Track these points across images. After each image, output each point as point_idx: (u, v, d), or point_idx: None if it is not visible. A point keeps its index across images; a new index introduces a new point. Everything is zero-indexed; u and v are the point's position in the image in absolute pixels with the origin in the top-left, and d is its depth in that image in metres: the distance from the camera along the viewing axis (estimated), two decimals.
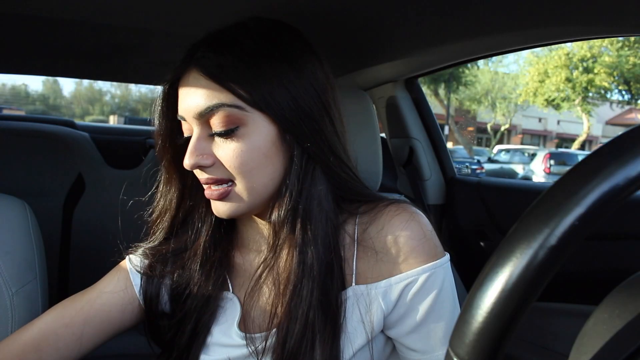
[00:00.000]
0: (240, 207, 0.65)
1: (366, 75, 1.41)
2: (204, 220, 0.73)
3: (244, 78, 0.61)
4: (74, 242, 1.68)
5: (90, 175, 1.70)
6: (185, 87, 0.64)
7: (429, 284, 0.63)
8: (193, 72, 0.63)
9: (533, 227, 0.27)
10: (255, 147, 0.62)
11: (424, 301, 0.63)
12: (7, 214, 0.85)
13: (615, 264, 1.23)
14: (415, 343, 0.65)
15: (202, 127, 0.63)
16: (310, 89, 0.64)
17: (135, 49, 1.23)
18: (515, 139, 27.69)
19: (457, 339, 0.29)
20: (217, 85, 0.61)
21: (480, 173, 11.95)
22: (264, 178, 0.63)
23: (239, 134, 0.61)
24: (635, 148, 0.26)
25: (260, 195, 0.65)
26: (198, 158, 0.62)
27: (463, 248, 1.51)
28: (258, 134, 0.62)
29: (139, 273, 0.73)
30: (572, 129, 28.42)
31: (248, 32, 0.65)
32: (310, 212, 0.64)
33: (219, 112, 0.61)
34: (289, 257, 0.65)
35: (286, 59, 0.64)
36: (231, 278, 0.73)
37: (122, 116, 29.69)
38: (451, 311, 0.65)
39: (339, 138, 0.68)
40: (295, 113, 0.62)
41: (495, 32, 0.90)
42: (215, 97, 0.61)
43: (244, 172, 0.62)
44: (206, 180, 0.64)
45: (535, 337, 1.05)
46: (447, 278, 0.65)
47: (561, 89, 17.50)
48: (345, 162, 0.68)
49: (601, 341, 0.30)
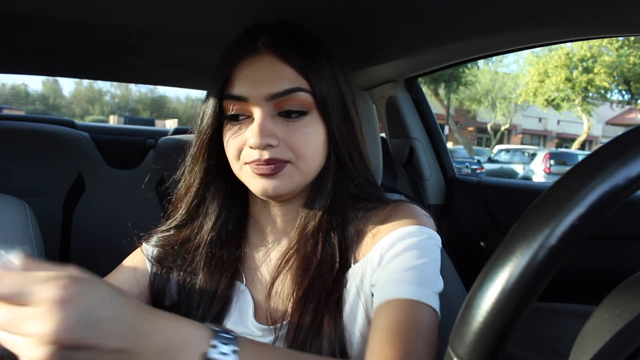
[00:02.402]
0: (288, 185, 0.67)
1: (366, 75, 1.41)
2: (220, 210, 0.75)
3: (311, 69, 0.66)
4: (73, 242, 1.68)
5: (90, 175, 1.70)
6: (255, 68, 0.66)
7: (406, 242, 0.64)
8: (266, 55, 0.66)
9: (533, 227, 0.27)
10: (318, 133, 0.67)
11: (398, 256, 0.64)
12: (7, 214, 0.85)
13: (615, 264, 1.23)
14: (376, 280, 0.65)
15: (268, 107, 0.65)
16: (350, 90, 0.72)
17: (135, 49, 1.23)
18: (515, 139, 27.70)
19: (457, 339, 0.29)
20: (294, 70, 0.65)
21: (480, 173, 11.93)
22: (318, 163, 0.69)
23: (306, 120, 0.66)
24: (635, 148, 0.26)
25: (309, 178, 0.69)
26: (267, 138, 0.64)
27: (463, 248, 1.51)
28: (319, 122, 0.67)
29: (151, 262, 0.75)
30: (572, 129, 28.44)
31: (303, 30, 0.70)
32: (335, 205, 0.69)
33: (295, 96, 0.65)
34: (311, 246, 0.68)
35: (337, 60, 0.71)
36: (244, 270, 0.74)
37: (122, 116, 29.69)
38: (422, 267, 0.63)
39: (364, 142, 0.74)
40: (341, 110, 0.69)
41: (495, 32, 0.90)
42: (295, 81, 0.65)
43: (306, 153, 0.66)
44: (267, 160, 0.64)
45: (535, 337, 1.05)
46: (430, 246, 0.65)
47: (561, 89, 17.50)
48: (366, 164, 0.74)
49: (601, 341, 0.30)
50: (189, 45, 1.11)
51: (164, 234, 0.77)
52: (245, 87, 0.66)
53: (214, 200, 0.75)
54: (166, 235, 0.77)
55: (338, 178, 0.71)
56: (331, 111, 0.68)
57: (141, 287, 0.74)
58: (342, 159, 0.70)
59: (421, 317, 0.59)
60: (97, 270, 0.83)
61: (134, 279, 0.73)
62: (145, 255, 0.76)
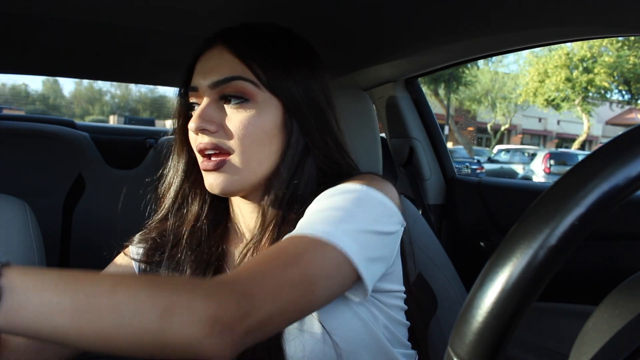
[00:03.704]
0: (234, 182, 0.67)
1: (366, 75, 1.41)
2: (201, 204, 0.75)
3: (265, 63, 0.67)
4: (74, 242, 1.68)
5: (90, 175, 1.70)
6: (207, 59, 0.69)
7: (331, 191, 0.63)
8: (218, 47, 0.69)
9: (533, 227, 0.27)
10: (260, 124, 0.67)
11: (317, 201, 0.63)
12: (7, 214, 0.85)
13: (615, 264, 1.23)
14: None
15: (213, 97, 0.68)
16: (320, 88, 0.72)
17: (135, 49, 1.23)
18: (515, 139, 27.69)
19: (457, 339, 0.29)
20: (240, 61, 0.67)
21: (480, 173, 11.91)
22: (260, 155, 0.68)
23: (247, 107, 0.66)
24: (635, 148, 0.26)
25: (255, 172, 0.68)
26: (204, 123, 0.66)
27: (463, 248, 1.51)
28: (265, 113, 0.67)
29: (137, 261, 0.75)
30: (572, 129, 28.43)
31: (272, 30, 0.72)
32: (296, 194, 0.68)
33: (235, 84, 0.66)
34: (271, 238, 0.67)
35: (303, 58, 0.72)
36: (227, 267, 0.75)
37: (122, 116, 29.70)
38: (338, 209, 0.59)
39: (341, 133, 0.74)
40: (305, 102, 0.69)
41: (495, 32, 0.90)
42: (235, 70, 0.67)
43: (244, 144, 0.66)
44: (205, 145, 0.66)
45: (536, 337, 1.05)
46: (363, 200, 0.61)
47: (561, 89, 17.49)
48: (345, 149, 0.73)
49: (601, 341, 0.30)
50: (188, 45, 1.11)
51: (147, 229, 0.78)
52: (197, 77, 0.69)
53: (195, 193, 0.75)
54: (149, 230, 0.77)
55: (301, 170, 0.69)
56: (290, 101, 0.68)
57: None
58: (314, 143, 0.69)
59: (300, 247, 0.53)
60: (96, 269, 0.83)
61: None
62: (131, 258, 0.76)
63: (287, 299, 0.50)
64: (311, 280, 0.52)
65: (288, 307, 0.50)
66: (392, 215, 0.63)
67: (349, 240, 0.55)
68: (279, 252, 0.53)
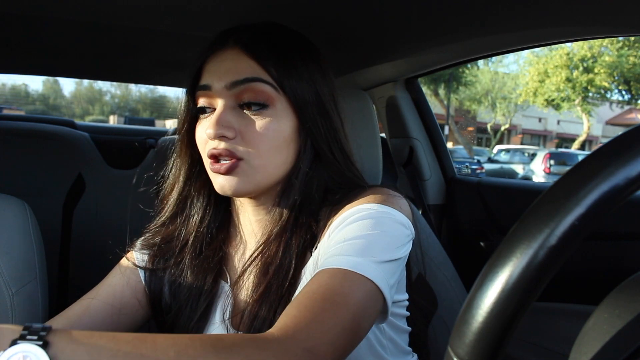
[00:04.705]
0: (246, 184, 0.66)
1: (366, 75, 1.41)
2: (205, 207, 0.74)
3: (280, 64, 0.66)
4: (74, 242, 1.67)
5: (90, 175, 1.70)
6: (222, 60, 0.68)
7: (355, 216, 0.61)
8: (233, 49, 0.68)
9: (533, 227, 0.27)
10: (279, 129, 0.66)
11: (343, 228, 0.61)
12: (7, 214, 0.85)
13: (615, 264, 1.23)
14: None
15: (229, 99, 0.66)
16: (329, 90, 0.72)
17: (136, 49, 1.23)
18: (515, 139, 27.68)
19: (457, 339, 0.29)
20: (257, 63, 0.66)
21: (480, 173, 11.91)
22: (277, 160, 0.67)
23: (266, 113, 0.66)
24: (635, 148, 0.26)
25: (269, 176, 0.67)
26: (222, 129, 0.64)
27: (463, 248, 1.51)
28: (283, 118, 0.67)
29: (142, 268, 0.74)
30: (572, 129, 28.42)
31: (282, 30, 0.71)
32: (307, 200, 0.68)
33: (254, 86, 0.65)
34: (274, 250, 0.67)
35: (314, 60, 0.71)
36: (228, 270, 0.74)
37: (122, 116, 29.67)
38: (366, 237, 0.59)
39: (346, 138, 0.73)
40: (316, 107, 0.69)
41: (495, 32, 0.90)
42: (254, 72, 0.66)
43: (263, 149, 0.65)
44: (220, 152, 0.65)
45: (535, 337, 1.05)
46: (384, 220, 0.61)
47: (561, 89, 17.48)
48: (350, 159, 0.73)
49: (601, 341, 0.30)
50: (188, 45, 1.11)
51: (150, 233, 0.77)
52: (210, 77, 0.68)
53: (199, 197, 0.75)
54: (152, 234, 0.77)
55: (312, 177, 0.69)
56: (303, 106, 0.67)
57: (138, 296, 0.74)
58: (321, 153, 0.69)
59: (346, 286, 0.54)
60: (96, 270, 0.82)
61: (128, 288, 0.73)
62: (135, 264, 0.75)
63: (342, 344, 0.51)
64: (359, 321, 0.53)
65: (345, 352, 0.52)
66: (407, 235, 0.64)
67: (377, 271, 0.56)
68: (324, 293, 0.53)
